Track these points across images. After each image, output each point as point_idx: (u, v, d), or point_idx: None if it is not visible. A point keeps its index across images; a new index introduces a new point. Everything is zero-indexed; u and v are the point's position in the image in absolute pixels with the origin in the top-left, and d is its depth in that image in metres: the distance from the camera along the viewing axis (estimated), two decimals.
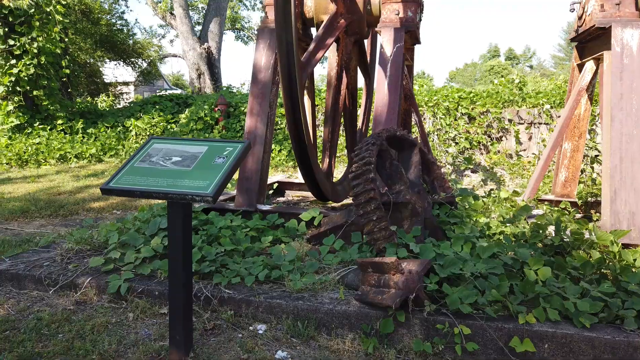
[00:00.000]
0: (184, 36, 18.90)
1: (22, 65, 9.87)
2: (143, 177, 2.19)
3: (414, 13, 4.69)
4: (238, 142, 2.36)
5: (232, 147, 2.32)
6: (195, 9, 30.52)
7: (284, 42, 3.48)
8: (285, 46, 3.50)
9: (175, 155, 2.30)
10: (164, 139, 2.44)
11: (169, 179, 2.16)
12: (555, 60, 67.73)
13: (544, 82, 10.37)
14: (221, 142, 2.37)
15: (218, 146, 2.34)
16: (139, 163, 2.28)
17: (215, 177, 2.13)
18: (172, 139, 2.46)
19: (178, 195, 2.06)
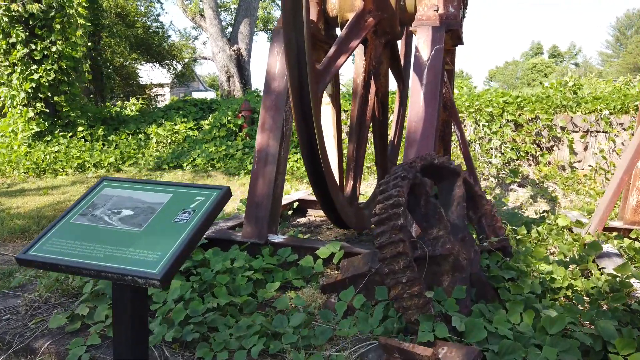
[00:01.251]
0: (213, 38, 18.54)
1: (43, 70, 9.59)
2: (76, 242, 1.56)
3: (457, 8, 3.92)
4: (214, 189, 1.70)
5: (204, 195, 1.67)
6: (227, 10, 30.31)
7: (294, 45, 2.81)
8: (296, 51, 2.83)
9: (127, 207, 1.66)
10: (118, 181, 1.81)
11: (109, 246, 1.52)
12: (602, 57, 64.47)
13: (602, 85, 9.32)
14: (191, 188, 1.72)
15: (186, 193, 1.69)
16: (77, 218, 1.66)
17: (171, 247, 1.47)
18: (128, 181, 1.82)
19: (114, 273, 1.42)
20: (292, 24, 2.69)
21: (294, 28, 2.72)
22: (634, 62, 53.20)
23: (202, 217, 1.55)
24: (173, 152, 9.80)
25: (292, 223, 5.42)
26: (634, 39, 57.44)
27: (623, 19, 62.64)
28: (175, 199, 1.65)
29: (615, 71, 55.72)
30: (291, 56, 2.79)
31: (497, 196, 6.93)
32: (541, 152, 7.83)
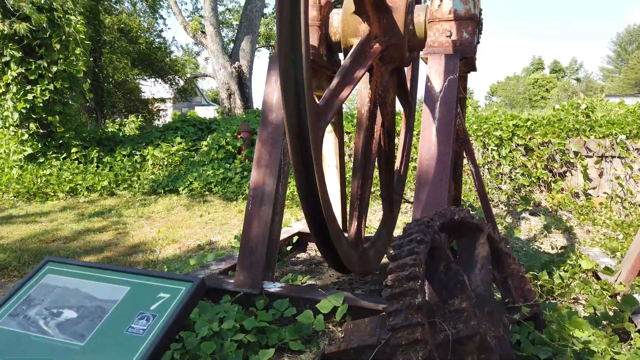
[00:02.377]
0: (214, 55, 18.32)
1: (38, 90, 9.29)
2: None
3: (471, 34, 3.59)
4: (183, 282, 1.34)
5: (171, 290, 1.31)
6: (229, 26, 30.22)
7: (291, 81, 2.46)
8: (294, 87, 2.48)
9: (70, 307, 1.31)
10: (65, 264, 1.44)
11: None
12: (604, 72, 64.42)
13: (615, 107, 8.98)
14: (154, 279, 1.36)
15: (147, 287, 1.33)
16: (6, 320, 1.29)
17: None
18: (77, 264, 1.45)
19: None
20: (289, 53, 2.35)
21: (292, 59, 2.38)
22: (636, 78, 53.07)
23: (164, 326, 1.19)
24: (169, 174, 9.45)
25: (291, 259, 5.05)
26: (635, 54, 57.38)
27: (624, 35, 62.70)
28: (133, 295, 1.29)
29: (617, 86, 55.58)
30: (288, 93, 2.44)
31: (509, 226, 6.55)
32: (554, 178, 7.46)
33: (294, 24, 2.30)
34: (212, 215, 7.27)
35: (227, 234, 6.20)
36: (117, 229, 6.51)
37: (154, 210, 7.56)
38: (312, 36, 4.15)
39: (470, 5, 3.61)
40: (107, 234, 6.27)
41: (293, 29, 2.36)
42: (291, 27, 2.32)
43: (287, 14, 2.31)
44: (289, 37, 2.36)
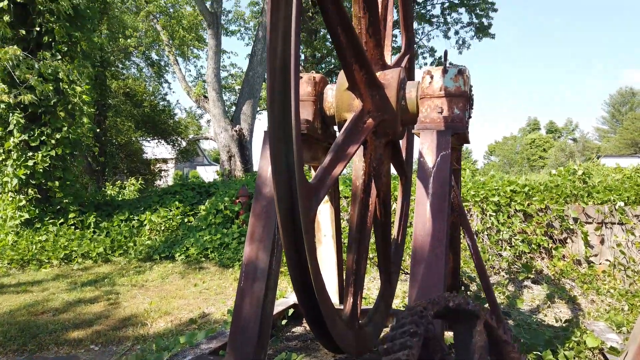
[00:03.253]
0: (216, 119, 18.75)
1: (39, 157, 9.39)
2: None
3: (462, 110, 3.66)
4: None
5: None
6: (232, 91, 31.14)
7: (283, 163, 2.48)
8: (286, 169, 2.50)
9: None
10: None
11: None
12: (599, 132, 65.60)
13: (611, 171, 9.03)
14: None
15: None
16: None
17: None
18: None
19: None
20: (279, 135, 2.37)
21: (283, 140, 2.41)
22: (631, 138, 53.99)
23: None
24: (166, 240, 9.37)
25: (285, 334, 4.87)
26: (629, 115, 58.71)
27: (616, 97, 64.43)
28: None
29: (613, 146, 56.42)
30: (279, 175, 2.44)
31: (511, 295, 6.38)
32: (554, 244, 7.36)
33: (284, 108, 2.34)
34: (207, 283, 7.12)
35: (221, 305, 6.03)
36: (110, 299, 6.35)
37: (148, 279, 7.41)
38: (307, 110, 4.24)
39: (460, 83, 3.70)
40: (99, 305, 6.10)
41: (284, 112, 2.40)
42: (282, 110, 2.37)
43: (279, 97, 2.36)
44: (281, 119, 2.40)
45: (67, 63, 9.32)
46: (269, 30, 2.34)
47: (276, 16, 2.40)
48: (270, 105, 2.45)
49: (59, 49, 9.27)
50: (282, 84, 2.30)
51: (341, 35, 3.20)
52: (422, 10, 23.04)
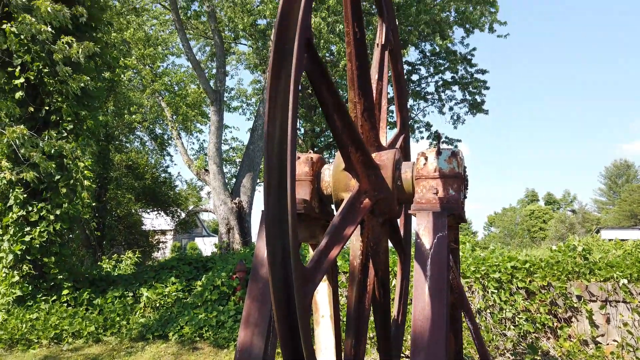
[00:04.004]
0: (216, 191, 18.90)
1: (37, 232, 9.35)
2: None
3: (457, 191, 3.71)
4: None
5: None
6: (232, 163, 31.64)
7: (279, 247, 2.49)
8: (281, 253, 2.50)
9: None
10: None
11: None
12: (597, 204, 65.88)
13: (611, 247, 8.97)
14: None
15: None
16: None
17: None
18: None
19: None
20: (276, 227, 2.39)
21: (278, 225, 2.43)
22: (630, 210, 54.12)
23: None
24: (160, 318, 9.09)
25: None
26: (626, 187, 59.26)
27: (612, 169, 65.40)
28: None
29: (613, 218, 56.44)
30: (275, 261, 2.44)
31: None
32: (559, 323, 7.15)
33: (280, 195, 2.38)
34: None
35: None
36: None
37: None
38: (305, 190, 4.28)
39: (454, 165, 3.78)
40: None
41: (280, 199, 2.44)
42: (278, 197, 2.40)
43: (274, 189, 2.41)
44: (277, 208, 2.43)
45: (72, 141, 9.54)
46: (266, 121, 2.43)
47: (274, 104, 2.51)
48: (266, 189, 2.50)
49: (65, 127, 9.53)
50: (278, 174, 2.36)
51: (337, 119, 3.32)
52: (417, 88, 23.96)
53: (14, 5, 8.01)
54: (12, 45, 8.54)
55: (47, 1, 7.87)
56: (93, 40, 9.67)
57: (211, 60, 23.69)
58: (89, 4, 9.46)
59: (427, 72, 23.32)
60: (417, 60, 23.12)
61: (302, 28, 2.56)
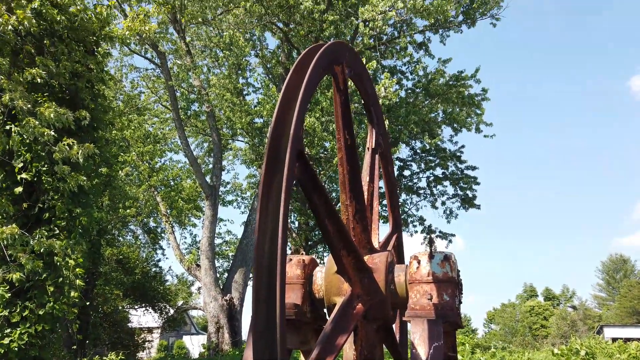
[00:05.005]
0: (206, 287, 18.43)
1: (17, 334, 8.91)
2: None
3: (452, 296, 3.64)
4: None
5: None
6: (225, 257, 31.19)
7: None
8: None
9: None
10: None
11: None
12: (598, 300, 64.45)
13: (614, 348, 8.64)
14: None
15: None
16: None
17: None
18: None
19: None
20: (264, 343, 2.31)
21: (267, 346, 2.34)
22: (631, 306, 52.89)
23: None
24: None
25: None
26: (624, 282, 58.47)
27: (608, 263, 64.90)
28: None
29: (614, 315, 54.96)
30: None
31: None
32: None
33: (269, 309, 2.33)
34: None
35: None
36: None
37: None
38: (296, 294, 4.19)
39: (447, 269, 3.75)
40: None
41: (268, 310, 2.38)
42: (266, 319, 2.35)
43: (263, 299, 2.37)
44: (264, 319, 2.37)
45: (63, 238, 9.45)
46: (257, 230, 2.45)
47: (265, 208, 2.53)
48: (255, 299, 2.46)
49: (58, 224, 9.49)
50: (267, 285, 2.33)
51: (328, 223, 3.35)
52: (410, 183, 24.44)
53: (19, 109, 8.36)
54: (15, 145, 8.77)
55: (51, 107, 8.24)
56: (94, 140, 9.97)
57: (208, 155, 24.35)
58: (93, 107, 9.88)
59: (419, 167, 23.98)
60: (408, 157, 23.86)
61: (294, 140, 2.67)
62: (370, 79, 4.92)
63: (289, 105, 2.85)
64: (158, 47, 16.63)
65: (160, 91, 20.72)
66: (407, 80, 21.53)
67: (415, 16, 17.17)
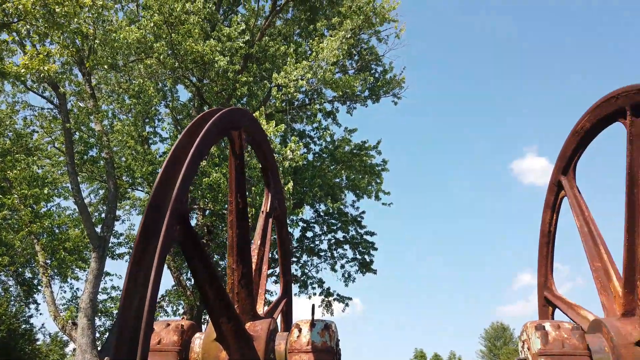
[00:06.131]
0: (82, 349, 16.63)
1: None
2: None
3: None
4: None
5: None
6: (108, 315, 28.64)
7: None
8: None
9: None
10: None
11: None
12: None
13: None
14: None
15: None
16: None
17: None
18: None
19: None
20: None
21: None
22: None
23: None
24: None
25: None
26: (504, 350, 62.30)
27: (490, 331, 69.05)
28: None
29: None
30: None
31: None
32: None
33: None
34: None
35: None
36: None
37: None
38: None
39: (327, 338, 3.81)
40: None
41: None
42: None
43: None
44: None
45: None
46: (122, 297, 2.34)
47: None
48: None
49: None
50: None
51: (208, 290, 3.28)
52: (311, 245, 24.69)
53: None
54: None
55: None
56: None
57: (102, 204, 22.83)
58: None
59: (321, 230, 24.39)
60: (312, 219, 24.24)
61: (176, 203, 2.64)
62: (269, 145, 5.07)
63: (174, 168, 2.84)
64: (59, 88, 15.77)
65: (56, 132, 19.41)
66: (314, 145, 22.32)
67: (325, 87, 18.15)
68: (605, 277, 3.53)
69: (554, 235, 4.46)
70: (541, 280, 4.54)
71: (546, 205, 4.45)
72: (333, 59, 16.19)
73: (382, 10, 18.07)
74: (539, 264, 4.58)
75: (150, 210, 2.58)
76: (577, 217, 3.84)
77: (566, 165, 4.11)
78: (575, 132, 3.84)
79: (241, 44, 16.65)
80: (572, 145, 3.92)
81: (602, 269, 3.58)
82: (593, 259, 3.64)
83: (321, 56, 16.27)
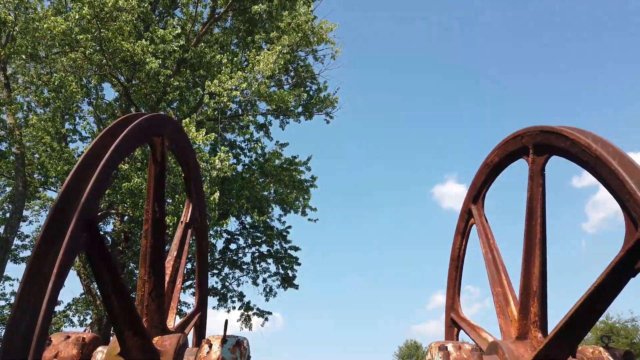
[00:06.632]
0: None
1: None
2: None
3: None
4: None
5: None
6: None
7: None
8: None
9: None
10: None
11: None
12: None
13: None
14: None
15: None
16: None
17: None
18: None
19: None
20: None
21: None
22: None
23: None
24: None
25: None
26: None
27: (404, 349, 71.11)
28: None
29: None
30: None
31: None
32: None
33: None
34: None
35: None
36: None
37: None
38: None
39: (237, 355, 3.75)
40: None
41: None
42: None
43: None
44: None
45: None
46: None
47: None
48: None
49: None
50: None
51: (114, 300, 3.14)
52: (234, 257, 24.28)
53: None
54: None
55: None
56: None
57: (8, 202, 21.07)
58: None
59: (245, 242, 24.06)
60: (236, 231, 23.87)
61: (84, 209, 2.51)
62: (194, 154, 4.96)
63: (88, 170, 2.70)
64: None
65: None
66: (245, 157, 22.10)
67: (259, 99, 18.10)
68: (504, 302, 3.78)
69: (462, 260, 4.71)
70: (449, 302, 4.77)
71: (457, 231, 4.70)
72: (269, 72, 16.20)
73: (320, 31, 18.43)
74: (448, 287, 4.82)
75: (56, 213, 2.43)
76: (483, 244, 4.10)
77: (476, 194, 4.38)
78: (485, 165, 4.12)
79: (175, 47, 16.25)
80: (482, 176, 4.19)
81: (502, 294, 3.83)
82: (494, 284, 3.89)
83: (257, 68, 16.24)
